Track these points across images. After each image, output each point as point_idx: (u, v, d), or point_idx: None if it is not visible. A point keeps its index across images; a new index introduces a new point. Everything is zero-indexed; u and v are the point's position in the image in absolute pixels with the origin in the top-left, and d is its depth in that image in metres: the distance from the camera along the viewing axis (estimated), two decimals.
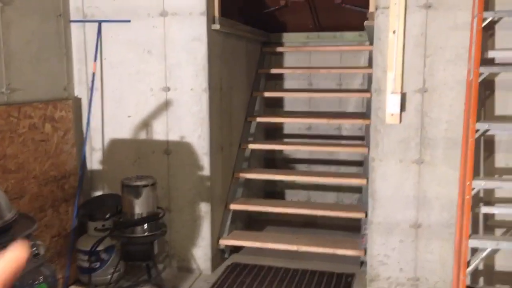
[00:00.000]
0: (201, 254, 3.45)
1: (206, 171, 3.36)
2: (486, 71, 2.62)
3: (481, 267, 2.99)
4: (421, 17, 2.93)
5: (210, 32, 3.29)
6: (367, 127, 3.80)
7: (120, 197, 3.00)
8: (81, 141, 3.43)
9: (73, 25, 3.40)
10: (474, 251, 2.85)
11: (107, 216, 3.18)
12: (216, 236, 3.58)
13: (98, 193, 3.53)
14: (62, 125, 3.21)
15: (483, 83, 2.82)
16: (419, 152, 3.04)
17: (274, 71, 4.62)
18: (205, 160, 3.35)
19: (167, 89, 3.34)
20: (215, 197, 3.50)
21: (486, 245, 2.47)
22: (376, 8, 3.00)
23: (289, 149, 4.76)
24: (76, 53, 3.43)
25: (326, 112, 4.73)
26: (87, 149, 3.49)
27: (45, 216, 3.04)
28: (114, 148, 3.48)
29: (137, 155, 3.44)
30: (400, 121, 3.04)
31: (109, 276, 3.13)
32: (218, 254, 3.62)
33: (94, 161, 3.52)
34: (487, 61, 2.83)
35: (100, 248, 3.07)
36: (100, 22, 3.35)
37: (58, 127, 3.17)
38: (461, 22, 2.87)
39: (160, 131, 3.39)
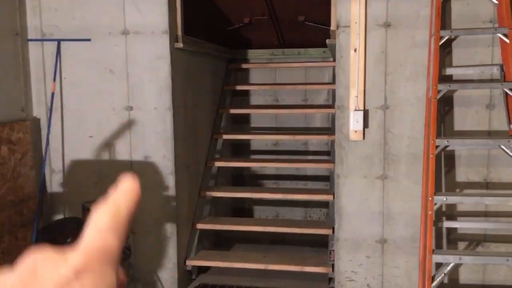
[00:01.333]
0: (167, 276, 3.38)
1: (172, 191, 3.30)
2: (444, 88, 2.68)
3: (446, 281, 3.03)
4: (381, 36, 2.99)
5: (173, 50, 3.26)
6: (333, 143, 3.83)
7: (82, 220, 2.91)
8: (40, 163, 3.32)
9: (31, 44, 3.31)
10: (439, 265, 2.89)
11: (68, 240, 3.07)
12: (183, 256, 3.51)
13: (59, 216, 3.42)
14: (19, 147, 3.10)
15: (442, 99, 2.88)
16: (382, 168, 3.08)
17: (240, 87, 4.62)
18: (170, 180, 3.29)
19: (130, 108, 3.28)
20: (181, 217, 3.44)
21: (449, 260, 2.51)
22: (337, 27, 3.04)
23: (256, 166, 4.75)
24: (35, 73, 3.34)
25: (292, 128, 4.75)
26: (47, 171, 3.38)
27: (2, 243, 2.91)
28: (75, 170, 3.38)
29: (99, 177, 3.35)
30: (364, 137, 3.07)
31: None
32: (185, 275, 3.55)
33: (54, 183, 3.41)
34: (445, 78, 2.91)
35: None
36: (59, 41, 3.27)
37: (15, 149, 3.06)
38: (419, 40, 2.94)
39: (124, 152, 3.32)
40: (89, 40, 3.24)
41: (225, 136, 4.27)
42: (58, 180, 3.41)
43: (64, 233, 3.13)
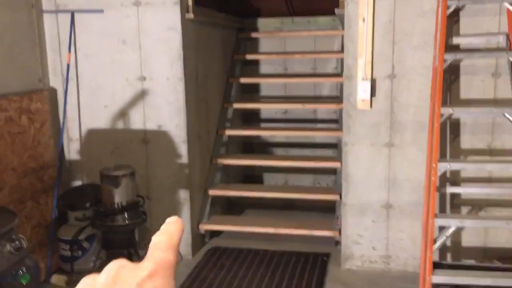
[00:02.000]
0: (182, 239, 3.53)
1: (185, 159, 3.43)
2: (450, 58, 2.73)
3: (448, 243, 3.15)
4: (389, 5, 3.02)
5: (184, 21, 3.32)
6: (341, 111, 3.90)
7: (99, 187, 3.06)
8: (58, 132, 3.45)
9: (45, 15, 3.38)
10: (442, 229, 3.00)
11: (87, 205, 3.24)
12: (196, 221, 3.67)
13: (77, 183, 3.57)
14: (38, 117, 3.22)
15: (449, 68, 2.93)
16: (389, 136, 3.16)
17: (249, 57, 4.67)
18: (183, 148, 3.41)
19: (143, 78, 3.37)
20: (194, 184, 3.57)
21: (451, 223, 2.62)
22: None
23: (266, 134, 4.85)
24: (50, 44, 3.43)
25: (301, 97, 4.82)
26: (65, 140, 3.51)
27: (25, 208, 3.07)
28: (92, 138, 3.51)
29: (115, 145, 3.48)
30: (371, 106, 3.15)
31: (91, 264, 3.20)
32: (199, 239, 3.72)
33: (72, 151, 3.55)
34: (452, 47, 2.95)
35: (81, 237, 3.13)
36: (73, 12, 3.34)
37: (34, 119, 3.18)
38: (427, 9, 2.97)
39: (138, 121, 3.43)
40: (102, 11, 3.31)
41: (236, 105, 4.36)
42: (76, 148, 3.54)
43: (83, 198, 3.29)
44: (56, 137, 3.42)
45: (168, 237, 0.40)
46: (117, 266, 0.37)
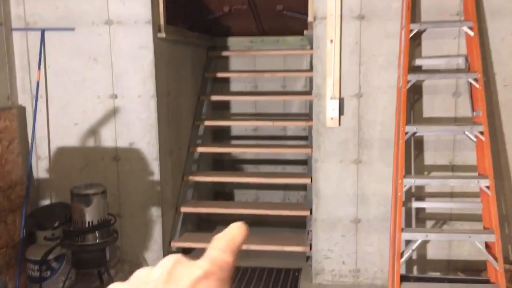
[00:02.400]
0: (153, 257, 3.53)
1: (156, 176, 3.43)
2: (413, 78, 2.87)
3: (414, 256, 3.26)
4: (355, 27, 3.15)
5: (156, 40, 3.36)
6: (310, 128, 4.00)
7: (69, 205, 3.02)
8: (26, 150, 3.40)
9: (15, 33, 3.36)
10: (408, 242, 3.11)
11: (56, 224, 3.19)
12: (167, 239, 3.66)
13: (46, 202, 3.52)
14: (6, 135, 3.18)
15: (412, 87, 3.07)
16: (357, 152, 3.27)
17: (220, 75, 4.74)
18: (154, 165, 3.42)
19: (115, 96, 3.38)
20: (165, 201, 3.58)
21: (417, 237, 2.72)
22: (315, 19, 3.19)
23: (237, 151, 4.90)
24: (19, 62, 3.40)
25: (271, 114, 4.90)
26: (33, 157, 3.46)
27: None
28: (61, 156, 3.48)
29: (85, 163, 3.46)
30: (340, 124, 3.25)
31: (61, 284, 3.14)
32: None
33: (40, 170, 3.50)
34: (415, 68, 3.09)
35: (50, 257, 3.08)
36: (43, 30, 3.33)
37: (2, 137, 3.14)
38: (391, 32, 3.12)
39: (109, 138, 3.42)
40: (73, 29, 3.31)
41: (207, 123, 4.40)
42: (44, 166, 3.50)
43: (52, 217, 3.24)
44: (24, 155, 3.37)
45: (230, 238, 0.38)
46: (173, 261, 0.36)
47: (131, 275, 0.36)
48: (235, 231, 0.40)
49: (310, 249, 3.51)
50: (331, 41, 3.16)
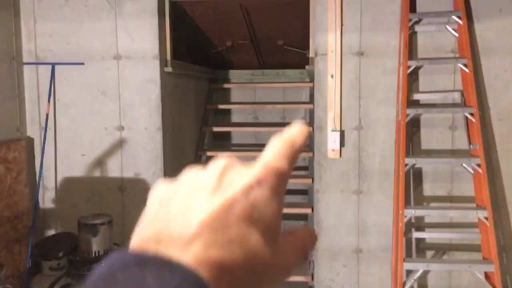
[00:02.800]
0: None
1: None
2: (412, 112, 2.98)
3: (416, 286, 3.31)
4: (355, 63, 3.28)
5: (163, 74, 3.47)
6: (311, 159, 4.09)
7: (74, 235, 3.07)
8: (33, 180, 3.46)
9: (26, 67, 3.47)
10: (409, 272, 3.17)
11: (61, 254, 3.22)
12: None
13: (51, 232, 3.56)
14: (15, 166, 3.24)
15: (410, 121, 3.19)
16: (357, 183, 3.35)
17: (222, 106, 4.86)
18: None
19: (122, 128, 3.47)
20: None
21: (419, 267, 2.78)
22: (316, 54, 3.32)
23: None
24: (29, 94, 3.49)
25: None
26: (40, 188, 3.52)
27: None
28: (67, 187, 3.54)
29: (91, 193, 3.52)
30: (340, 155, 3.35)
31: None
32: None
33: (46, 200, 3.55)
34: (413, 102, 3.22)
35: (56, 287, 3.10)
36: (53, 65, 3.44)
37: (11, 167, 3.20)
38: (389, 68, 3.25)
39: (115, 169, 3.49)
40: (82, 64, 3.43)
41: (209, 153, 4.49)
42: (50, 197, 3.55)
43: (57, 247, 3.28)
44: (31, 186, 3.43)
45: (288, 142, 0.34)
46: (224, 165, 0.33)
47: None
48: (295, 134, 0.35)
49: (312, 279, 3.55)
50: (332, 76, 3.29)
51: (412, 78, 3.22)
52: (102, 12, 3.41)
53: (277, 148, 0.33)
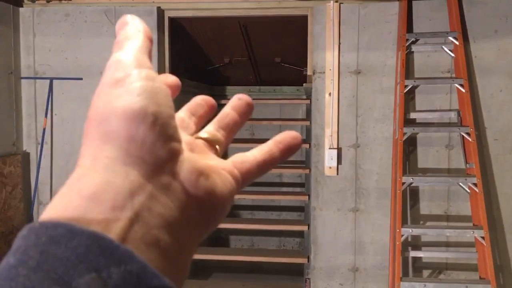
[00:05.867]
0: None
1: None
2: (409, 131, 3.00)
3: None
4: (352, 81, 3.31)
5: None
6: (307, 176, 4.10)
7: None
8: (28, 195, 3.43)
9: (23, 82, 3.46)
10: None
11: None
12: None
13: None
14: (10, 181, 3.22)
15: (407, 139, 3.21)
16: (354, 201, 3.35)
17: None
18: None
19: None
20: None
21: (415, 286, 2.77)
22: (314, 73, 3.35)
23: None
24: (26, 109, 3.49)
25: None
26: (35, 203, 3.49)
27: None
28: None
29: None
30: (337, 173, 3.35)
31: None
32: None
33: (41, 215, 3.51)
34: (410, 121, 3.24)
35: None
36: (51, 79, 3.44)
37: (6, 182, 3.18)
38: (386, 86, 3.28)
39: None
40: (81, 79, 3.43)
41: None
42: None
43: None
44: (26, 201, 3.40)
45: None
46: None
47: None
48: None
49: None
50: (330, 94, 3.31)
51: (409, 97, 3.25)
52: (101, 28, 3.42)
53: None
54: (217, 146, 0.34)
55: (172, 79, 0.34)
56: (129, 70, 0.27)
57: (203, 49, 4.47)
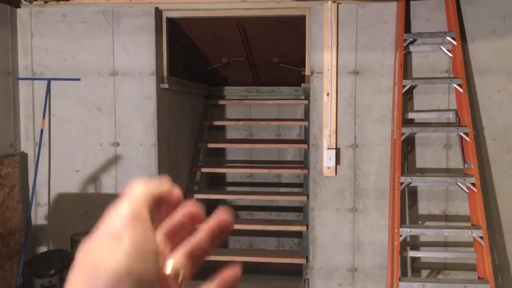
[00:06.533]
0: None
1: None
2: (407, 131, 3.00)
3: None
4: (351, 82, 3.31)
5: (159, 90, 3.48)
6: (306, 176, 4.10)
7: (66, 252, 3.03)
8: (26, 196, 3.43)
9: (21, 82, 3.46)
10: None
11: (52, 272, 3.18)
12: None
13: (43, 248, 3.51)
14: (8, 182, 3.21)
15: (405, 139, 3.21)
16: (353, 201, 3.35)
17: (217, 123, 4.86)
18: None
19: (117, 144, 3.45)
20: None
21: (414, 286, 2.77)
22: (312, 73, 3.35)
23: (233, 198, 4.95)
24: (24, 110, 3.48)
25: (266, 161, 5.00)
26: (32, 204, 3.48)
27: None
28: (61, 203, 3.50)
29: (84, 209, 3.48)
30: (336, 173, 3.35)
31: None
32: None
33: (39, 216, 3.51)
34: (408, 121, 3.24)
35: None
36: (49, 80, 3.44)
37: (4, 183, 3.17)
38: (384, 87, 3.28)
39: (109, 185, 3.47)
40: (78, 79, 3.43)
41: (203, 170, 4.47)
42: (43, 213, 3.51)
43: (49, 265, 3.23)
44: (23, 202, 3.39)
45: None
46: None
47: None
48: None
49: None
50: (328, 94, 3.31)
51: (407, 97, 3.25)
52: (99, 28, 3.42)
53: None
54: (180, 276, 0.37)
55: (176, 195, 0.37)
56: (128, 224, 0.31)
57: (201, 49, 4.47)
